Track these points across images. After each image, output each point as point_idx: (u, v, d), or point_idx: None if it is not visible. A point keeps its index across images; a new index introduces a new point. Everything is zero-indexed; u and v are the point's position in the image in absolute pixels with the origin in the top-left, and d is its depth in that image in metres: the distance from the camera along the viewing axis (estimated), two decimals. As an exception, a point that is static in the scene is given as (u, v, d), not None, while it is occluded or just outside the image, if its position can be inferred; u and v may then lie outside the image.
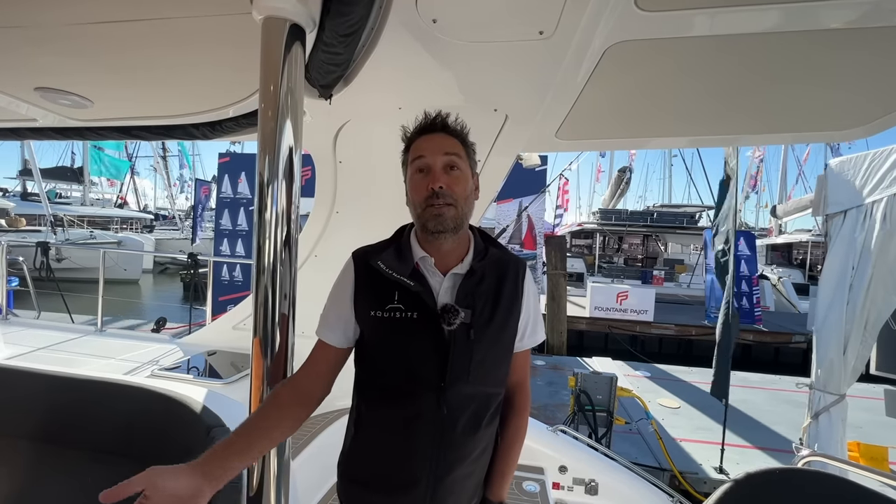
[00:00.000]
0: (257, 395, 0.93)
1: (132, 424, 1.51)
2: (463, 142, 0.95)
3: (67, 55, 1.12)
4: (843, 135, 1.41)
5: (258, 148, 0.91)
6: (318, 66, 1.04)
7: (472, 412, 0.92)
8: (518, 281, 0.99)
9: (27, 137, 1.77)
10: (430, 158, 0.91)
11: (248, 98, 1.31)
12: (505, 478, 1.02)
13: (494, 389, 0.97)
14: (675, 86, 1.22)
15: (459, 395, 0.90)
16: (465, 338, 0.89)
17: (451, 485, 0.92)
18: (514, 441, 1.04)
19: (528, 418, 1.08)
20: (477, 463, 0.97)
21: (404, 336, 0.91)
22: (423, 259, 0.93)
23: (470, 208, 0.95)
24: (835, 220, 2.75)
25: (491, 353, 0.93)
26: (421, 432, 0.90)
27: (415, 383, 0.90)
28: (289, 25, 0.86)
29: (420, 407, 0.90)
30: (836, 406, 2.71)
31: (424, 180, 0.90)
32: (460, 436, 0.91)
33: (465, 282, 0.92)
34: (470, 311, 0.90)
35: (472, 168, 0.97)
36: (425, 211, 0.90)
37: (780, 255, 19.61)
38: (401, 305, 0.90)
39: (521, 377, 1.05)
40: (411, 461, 0.91)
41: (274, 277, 0.93)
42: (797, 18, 0.90)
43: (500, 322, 0.94)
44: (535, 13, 0.91)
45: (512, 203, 8.36)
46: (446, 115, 0.95)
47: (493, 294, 0.94)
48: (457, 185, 0.90)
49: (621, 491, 2.10)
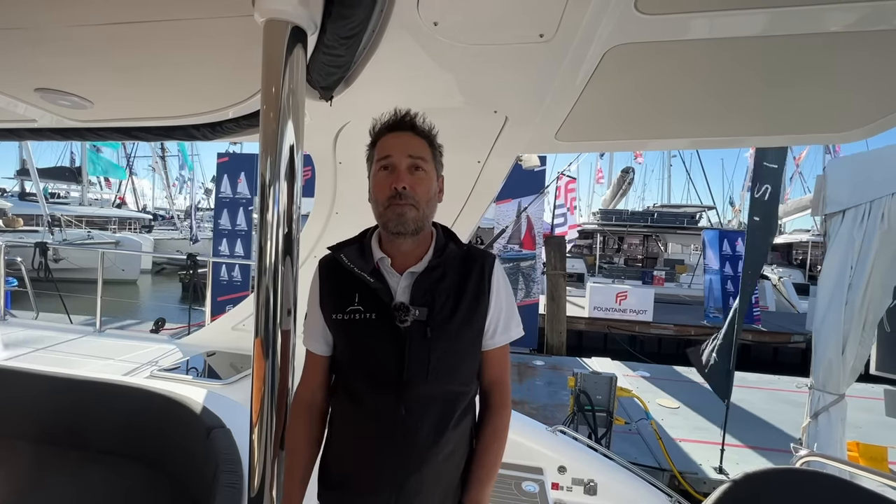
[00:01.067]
0: (259, 396, 0.94)
1: (132, 425, 1.51)
2: (430, 143, 0.96)
3: (68, 56, 1.12)
4: (842, 136, 1.41)
5: (260, 149, 0.92)
6: (319, 68, 1.04)
7: (437, 412, 0.91)
8: (484, 276, 0.97)
9: (26, 138, 1.77)
10: (396, 158, 0.91)
11: (249, 99, 1.31)
12: (483, 482, 0.96)
13: (461, 388, 0.95)
14: (675, 88, 1.22)
15: (419, 395, 0.89)
16: (422, 336, 0.89)
17: (417, 485, 0.90)
18: (491, 442, 0.98)
19: (510, 417, 1.02)
20: (447, 464, 0.94)
21: (364, 337, 0.92)
22: (382, 260, 0.94)
23: (432, 210, 0.96)
24: (834, 219, 2.76)
25: (452, 351, 0.92)
26: (382, 433, 0.90)
27: (374, 383, 0.91)
28: (290, 28, 0.87)
29: (379, 407, 0.90)
30: (835, 406, 2.72)
31: (388, 179, 0.91)
32: (424, 436, 0.90)
33: (421, 279, 0.92)
34: (426, 309, 0.89)
35: (437, 170, 0.98)
36: (387, 210, 0.90)
37: (780, 255, 19.66)
38: (360, 307, 0.92)
39: (497, 375, 1.01)
40: (374, 462, 0.92)
41: (276, 278, 0.93)
42: (796, 21, 0.91)
43: (461, 319, 0.92)
44: (535, 16, 0.91)
45: (511, 203, 8.36)
46: (415, 115, 0.96)
47: (454, 291, 0.93)
48: (420, 186, 0.91)
49: (620, 491, 2.10)
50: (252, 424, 0.94)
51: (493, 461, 0.98)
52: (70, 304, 6.35)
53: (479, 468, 0.97)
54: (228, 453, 1.23)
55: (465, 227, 1.99)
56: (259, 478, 0.93)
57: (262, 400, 0.94)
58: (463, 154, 1.70)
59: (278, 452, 0.96)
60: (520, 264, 8.51)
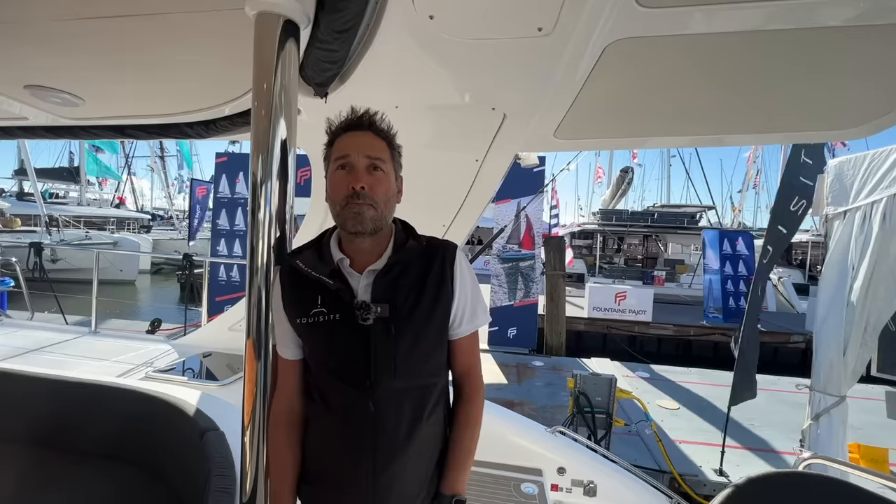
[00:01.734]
0: (251, 398, 0.92)
1: (125, 427, 1.49)
2: (389, 143, 0.97)
3: (57, 52, 1.10)
4: (845, 134, 1.39)
5: (251, 147, 0.90)
6: (313, 64, 1.02)
7: (408, 406, 0.93)
8: (445, 267, 0.98)
9: (18, 136, 1.75)
10: (354, 158, 0.91)
11: (244, 96, 1.29)
12: (458, 470, 0.99)
13: (430, 380, 0.97)
14: (675, 84, 1.20)
15: (388, 391, 0.91)
16: (386, 333, 0.90)
17: (390, 480, 0.92)
18: (464, 430, 1.01)
19: (483, 404, 1.05)
20: (422, 456, 0.96)
21: (330, 338, 0.93)
22: (341, 261, 0.95)
23: (391, 210, 0.97)
24: (835, 220, 2.74)
25: (419, 345, 0.94)
26: (355, 431, 0.92)
27: (342, 383, 0.93)
28: (282, 21, 0.85)
29: (350, 406, 0.92)
30: (836, 408, 2.70)
31: (346, 178, 0.91)
32: (396, 431, 0.92)
33: (381, 277, 0.93)
34: (388, 306, 0.91)
35: (396, 170, 0.99)
36: (344, 209, 0.91)
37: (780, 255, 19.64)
38: (323, 309, 0.92)
39: (467, 364, 1.03)
40: (349, 460, 0.93)
41: (268, 278, 0.92)
42: (798, 16, 0.89)
43: (424, 312, 0.94)
44: (534, 9, 0.89)
45: (510, 203, 8.34)
46: (374, 114, 0.96)
47: (415, 285, 0.94)
48: (379, 186, 0.92)
49: (620, 493, 2.08)
50: (244, 426, 0.93)
51: (468, 448, 1.01)
52: (67, 304, 6.33)
53: (455, 456, 1.00)
54: (222, 456, 1.21)
55: (463, 226, 1.98)
56: (251, 481, 0.92)
57: (254, 402, 0.92)
58: (460, 152, 1.68)
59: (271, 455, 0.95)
60: (519, 264, 8.49)
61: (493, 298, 8.44)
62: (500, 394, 5.97)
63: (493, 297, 8.45)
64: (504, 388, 6.29)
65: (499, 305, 8.43)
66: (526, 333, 8.55)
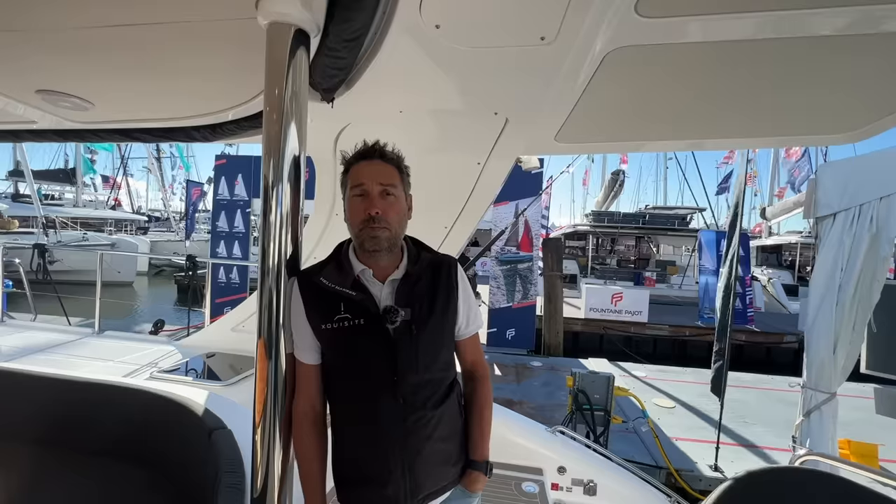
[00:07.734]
0: (262, 397, 0.94)
1: (132, 426, 1.50)
2: (398, 167, 1.07)
3: (70, 58, 1.12)
4: (838, 138, 1.43)
5: (263, 151, 0.92)
6: (321, 70, 1.05)
7: (428, 395, 1.04)
8: (451, 277, 1.10)
9: (26, 139, 1.76)
10: (369, 185, 1.01)
11: (250, 101, 1.32)
12: (484, 438, 1.14)
13: (443, 374, 1.08)
14: (673, 90, 1.24)
15: (411, 385, 1.01)
16: (409, 333, 1.01)
17: (423, 465, 1.03)
18: (483, 405, 1.16)
19: (491, 388, 1.21)
20: (443, 439, 1.07)
21: (356, 341, 1.01)
22: (363, 271, 1.04)
23: (403, 227, 1.08)
24: (825, 222, 2.79)
25: (434, 344, 1.06)
26: (385, 423, 1.01)
27: (371, 381, 1.02)
28: (293, 31, 0.87)
29: (379, 401, 1.01)
30: (827, 404, 2.74)
31: (362, 204, 1.01)
32: (421, 419, 1.02)
33: (402, 285, 1.04)
34: (409, 310, 1.01)
35: (405, 191, 1.09)
36: (362, 231, 1.01)
37: (770, 257, 19.80)
38: (347, 315, 1.00)
39: (475, 356, 1.19)
40: (382, 451, 1.01)
41: (279, 280, 0.94)
42: (792, 25, 0.93)
43: (438, 315, 1.06)
44: (537, 19, 0.93)
45: (509, 205, 8.36)
46: (384, 145, 1.06)
47: (428, 292, 1.06)
48: (392, 210, 1.02)
49: (620, 491, 2.11)
50: (255, 425, 0.94)
51: (488, 419, 1.16)
52: (66, 305, 6.30)
53: (479, 427, 1.14)
54: (230, 454, 1.22)
55: (464, 229, 2.00)
56: (262, 478, 0.94)
57: (265, 400, 0.94)
58: (463, 156, 1.71)
59: (282, 453, 0.97)
60: (517, 266, 8.50)
61: (491, 300, 8.46)
62: (500, 393, 6.00)
63: (492, 298, 8.46)
64: (503, 388, 6.32)
65: (497, 307, 8.43)
66: (524, 334, 8.57)
